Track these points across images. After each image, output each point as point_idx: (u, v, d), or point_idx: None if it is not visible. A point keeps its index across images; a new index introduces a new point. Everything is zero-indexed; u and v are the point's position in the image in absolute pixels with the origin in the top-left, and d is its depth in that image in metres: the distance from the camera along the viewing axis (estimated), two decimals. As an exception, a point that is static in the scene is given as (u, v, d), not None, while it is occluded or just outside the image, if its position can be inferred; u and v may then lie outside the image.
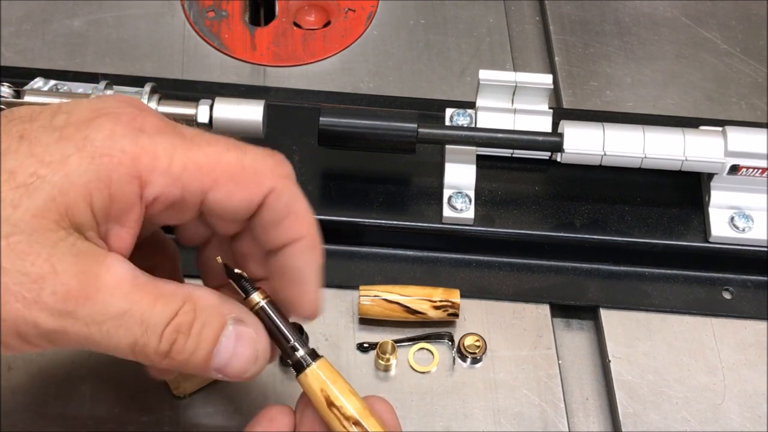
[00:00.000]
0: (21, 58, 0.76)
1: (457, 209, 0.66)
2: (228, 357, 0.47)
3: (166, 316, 0.45)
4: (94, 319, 0.44)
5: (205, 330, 0.46)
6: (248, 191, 0.47)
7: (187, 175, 0.46)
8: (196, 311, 0.46)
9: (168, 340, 0.45)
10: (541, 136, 0.65)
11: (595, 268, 0.68)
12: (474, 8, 0.82)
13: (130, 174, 0.45)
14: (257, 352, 0.48)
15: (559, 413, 0.62)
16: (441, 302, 0.64)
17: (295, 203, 0.49)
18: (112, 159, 0.44)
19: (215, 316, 0.47)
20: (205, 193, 0.46)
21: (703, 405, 0.63)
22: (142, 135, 0.45)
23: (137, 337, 0.44)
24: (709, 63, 0.80)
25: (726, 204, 0.67)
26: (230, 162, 0.47)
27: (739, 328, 0.66)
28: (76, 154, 0.44)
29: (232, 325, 0.47)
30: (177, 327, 0.45)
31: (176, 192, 0.46)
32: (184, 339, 0.46)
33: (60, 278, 0.43)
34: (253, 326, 0.48)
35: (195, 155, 0.46)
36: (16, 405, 0.60)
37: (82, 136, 0.44)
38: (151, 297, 0.45)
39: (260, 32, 0.79)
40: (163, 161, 0.45)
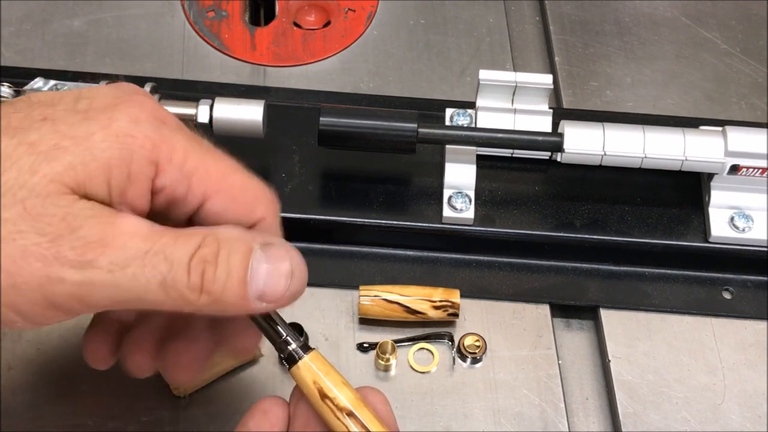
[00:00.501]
0: (21, 58, 0.76)
1: (457, 209, 0.66)
2: (264, 279, 0.46)
3: (189, 250, 0.45)
4: (117, 264, 0.43)
5: (233, 256, 0.45)
6: (244, 212, 0.48)
7: (197, 176, 0.47)
8: (219, 242, 0.45)
9: (197, 272, 0.44)
10: (541, 136, 0.65)
11: (595, 268, 0.68)
12: (474, 8, 0.82)
13: (149, 158, 0.45)
14: (292, 265, 0.47)
15: (559, 413, 0.62)
16: (441, 302, 0.64)
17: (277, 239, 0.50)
18: (136, 140, 0.45)
19: (240, 243, 0.46)
20: (206, 200, 0.47)
21: (703, 405, 0.63)
22: (164, 126, 0.46)
23: (165, 274, 0.44)
24: (709, 63, 0.80)
25: (726, 204, 0.67)
26: (236, 180, 0.48)
27: (739, 328, 0.66)
28: (100, 132, 0.44)
29: (259, 248, 0.46)
30: (203, 257, 0.45)
31: (182, 189, 0.47)
32: (212, 268, 0.45)
33: (77, 233, 0.43)
34: (283, 246, 0.48)
35: (208, 161, 0.47)
36: (16, 405, 0.60)
37: (107, 117, 0.45)
38: (171, 235, 0.45)
39: (260, 32, 0.79)
40: (180, 156, 0.46)
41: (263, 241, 0.47)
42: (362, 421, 0.49)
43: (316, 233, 0.67)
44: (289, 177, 0.68)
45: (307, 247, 0.68)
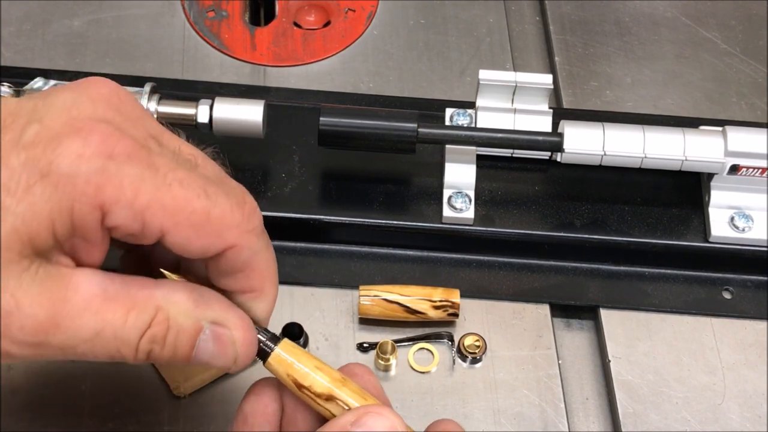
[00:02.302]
0: (21, 58, 0.76)
1: (457, 209, 0.66)
2: (208, 357, 0.47)
3: (138, 330, 0.45)
4: (67, 344, 0.44)
5: (180, 337, 0.46)
6: (207, 242, 0.47)
7: (149, 213, 0.45)
8: (169, 320, 0.46)
9: (144, 351, 0.45)
10: (541, 136, 0.65)
11: (595, 268, 0.68)
12: (474, 8, 0.82)
13: (92, 204, 0.44)
14: (236, 353, 0.48)
15: (559, 413, 0.62)
16: (441, 302, 0.64)
17: (254, 258, 0.49)
18: (75, 188, 0.43)
19: (190, 322, 0.46)
20: (164, 234, 0.46)
21: (703, 405, 0.63)
22: (111, 162, 0.44)
23: (113, 353, 0.45)
24: (709, 63, 0.80)
25: (726, 204, 0.67)
26: (196, 210, 0.46)
27: (739, 328, 0.66)
28: (39, 183, 0.43)
29: (209, 328, 0.47)
30: (151, 338, 0.45)
31: (136, 226, 0.45)
32: (159, 348, 0.46)
33: (25, 312, 0.43)
34: (233, 327, 0.47)
35: (162, 195, 0.45)
36: (16, 405, 0.60)
37: (48, 160, 0.43)
38: (122, 311, 0.45)
39: (260, 32, 0.79)
40: (128, 194, 0.44)
41: (215, 318, 0.47)
42: (344, 401, 0.48)
43: (316, 233, 0.67)
44: (289, 177, 0.68)
45: (307, 247, 0.68)
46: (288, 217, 0.67)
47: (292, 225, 0.67)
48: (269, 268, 0.50)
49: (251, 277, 0.49)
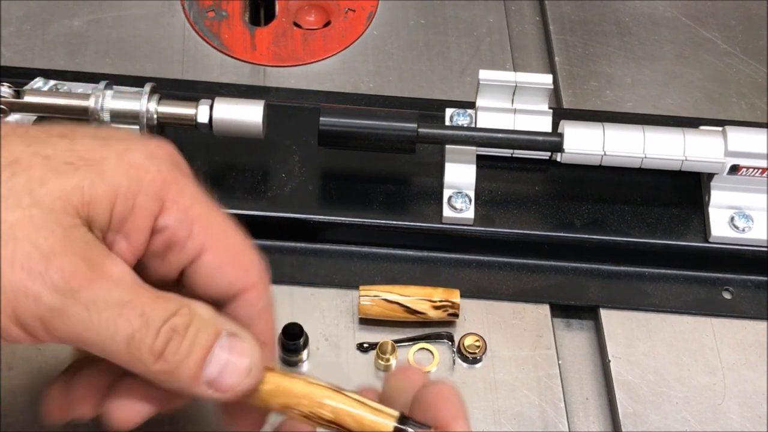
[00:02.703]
0: (21, 58, 0.76)
1: (457, 209, 0.66)
2: (221, 367, 0.46)
3: (165, 314, 0.45)
4: (95, 303, 0.43)
5: (201, 334, 0.46)
6: (238, 274, 0.48)
7: (199, 224, 0.47)
8: (193, 316, 0.46)
9: (164, 338, 0.44)
10: (541, 136, 0.65)
11: (595, 268, 0.68)
12: (474, 8, 0.82)
13: (157, 194, 0.46)
14: (251, 364, 0.47)
15: (559, 413, 0.62)
16: (441, 302, 0.64)
17: (267, 310, 0.50)
18: (147, 174, 0.45)
19: (211, 324, 0.46)
20: (203, 252, 0.47)
21: (703, 405, 0.63)
22: (178, 169, 0.47)
23: (135, 329, 0.44)
24: (709, 63, 0.80)
25: (726, 204, 0.67)
26: (236, 240, 0.49)
27: (739, 328, 0.66)
28: (114, 158, 0.45)
29: (226, 336, 0.46)
30: (174, 326, 0.45)
31: (184, 233, 0.47)
32: (179, 339, 0.45)
33: (69, 257, 0.43)
34: (248, 341, 0.47)
35: (212, 214, 0.48)
36: (16, 405, 0.60)
37: (124, 146, 0.46)
38: (151, 294, 0.45)
39: (260, 32, 0.79)
40: (187, 200, 0.47)
41: (232, 330, 0.47)
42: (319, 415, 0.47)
43: (316, 233, 0.67)
44: (289, 177, 0.68)
45: (307, 247, 0.68)
46: (288, 217, 0.67)
47: (292, 225, 0.67)
48: (275, 323, 0.51)
49: (265, 326, 0.50)
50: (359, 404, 0.47)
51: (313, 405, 0.47)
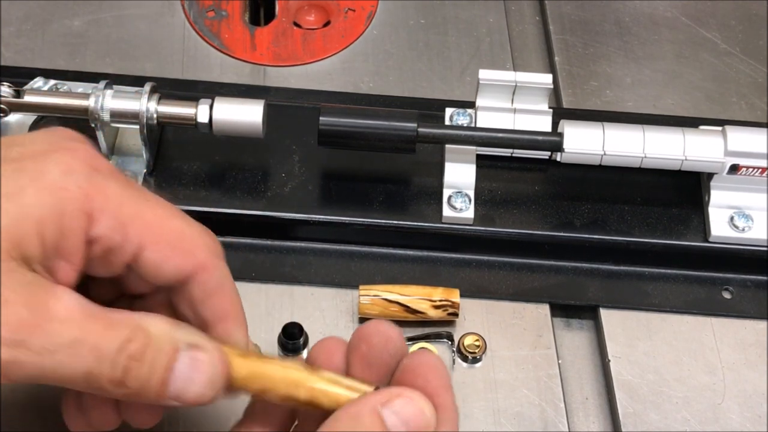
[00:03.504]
0: (21, 58, 0.76)
1: (457, 209, 0.66)
2: (184, 382, 0.46)
3: (118, 343, 0.45)
4: (46, 348, 0.43)
5: (159, 356, 0.46)
6: (182, 260, 0.48)
7: (132, 224, 0.47)
8: (149, 338, 0.46)
9: (121, 367, 0.45)
10: (541, 135, 0.65)
11: (595, 267, 0.68)
12: (474, 8, 0.82)
13: (82, 210, 0.45)
14: (214, 375, 0.47)
15: (559, 413, 0.62)
16: (441, 302, 0.64)
17: (224, 282, 0.50)
18: (67, 192, 0.45)
19: (168, 342, 0.46)
20: (143, 249, 0.47)
21: (703, 405, 0.63)
22: (97, 174, 0.46)
23: (91, 366, 0.44)
24: (709, 63, 0.80)
25: (726, 204, 0.67)
26: (173, 228, 0.48)
27: (739, 327, 0.66)
28: (31, 186, 0.44)
29: (186, 351, 0.46)
30: (130, 354, 0.45)
31: (118, 238, 0.46)
32: (137, 366, 0.45)
33: (11, 308, 0.43)
34: (209, 351, 0.47)
35: (143, 210, 0.47)
36: (16, 405, 0.60)
37: (38, 168, 0.45)
38: (102, 325, 0.45)
39: (260, 32, 0.79)
40: (114, 204, 0.46)
41: (191, 341, 0.47)
42: None
43: (316, 233, 0.67)
44: (288, 177, 0.68)
45: (307, 246, 0.68)
46: (288, 217, 0.67)
47: (292, 224, 0.67)
48: (237, 295, 0.51)
49: (224, 301, 0.50)
50: (334, 383, 0.48)
51: (288, 387, 0.48)
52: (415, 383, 0.47)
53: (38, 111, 0.65)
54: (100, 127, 0.64)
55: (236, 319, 0.51)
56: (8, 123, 0.67)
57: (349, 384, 0.48)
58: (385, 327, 0.49)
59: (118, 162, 0.67)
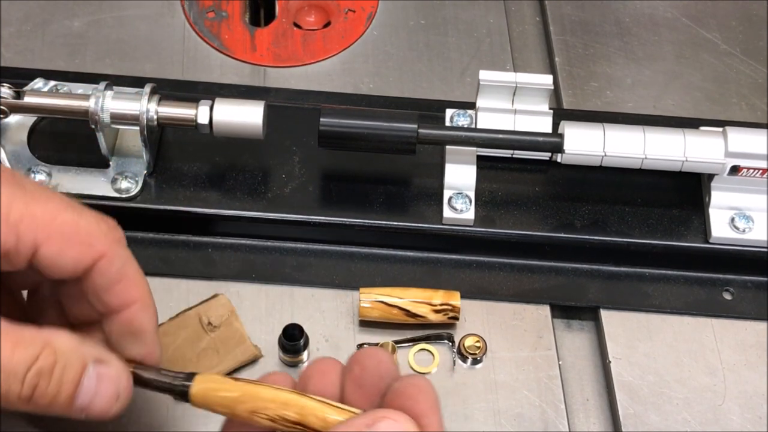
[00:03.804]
0: (21, 59, 0.76)
1: (458, 210, 0.66)
2: (90, 397, 0.48)
3: (26, 361, 0.46)
4: None
5: (67, 372, 0.47)
6: (79, 252, 0.48)
7: (23, 225, 0.47)
8: (57, 354, 0.47)
9: (30, 385, 0.46)
10: (541, 136, 0.65)
11: (595, 268, 0.68)
12: (474, 9, 0.82)
13: None
14: (119, 390, 0.49)
15: (560, 414, 0.62)
16: (441, 305, 0.64)
17: (126, 267, 0.50)
18: None
19: (76, 358, 0.48)
20: (38, 247, 0.47)
21: (704, 406, 0.63)
22: None
23: (1, 385, 0.46)
24: (710, 63, 0.80)
25: (726, 205, 0.67)
26: (66, 221, 0.48)
27: (740, 328, 0.66)
28: None
29: (92, 366, 0.48)
30: (38, 371, 0.46)
31: (11, 240, 0.47)
32: (46, 382, 0.46)
33: None
34: (114, 366, 0.49)
35: (33, 208, 0.47)
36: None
37: None
38: (9, 343, 0.46)
39: (260, 33, 0.79)
40: (2, 209, 0.46)
41: (97, 357, 0.49)
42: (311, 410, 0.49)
43: (317, 234, 0.67)
44: (289, 178, 0.68)
45: (307, 248, 0.68)
46: (288, 218, 0.67)
47: (293, 226, 0.67)
48: (143, 278, 0.51)
49: (129, 286, 0.50)
50: (323, 404, 0.48)
51: (278, 408, 0.48)
52: (404, 405, 0.47)
53: (38, 112, 0.65)
54: (100, 128, 0.64)
55: (143, 303, 0.51)
56: (8, 124, 0.67)
57: (339, 406, 0.48)
58: (378, 352, 0.50)
59: (118, 163, 0.67)
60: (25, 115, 0.66)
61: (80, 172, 0.67)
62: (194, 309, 0.64)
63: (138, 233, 0.67)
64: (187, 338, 0.63)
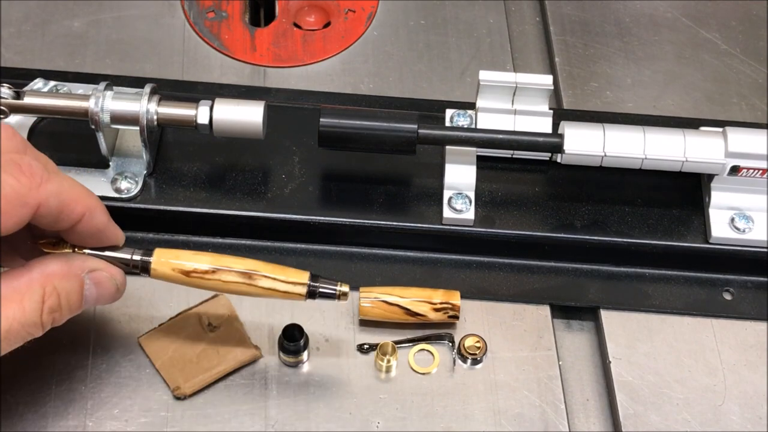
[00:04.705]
0: (21, 59, 0.76)
1: (458, 210, 0.66)
2: (95, 299, 0.56)
3: (37, 310, 0.53)
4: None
5: (71, 297, 0.54)
6: (68, 215, 0.54)
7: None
8: (56, 287, 0.54)
9: (48, 322, 0.53)
10: (541, 137, 0.65)
11: (595, 269, 0.68)
12: (474, 9, 0.82)
13: None
14: (116, 284, 0.57)
15: (560, 414, 0.62)
16: (441, 304, 0.64)
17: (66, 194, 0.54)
18: None
19: (72, 280, 0.55)
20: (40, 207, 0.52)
21: (704, 406, 0.63)
22: None
23: (25, 337, 0.53)
24: (710, 63, 0.80)
25: (726, 205, 0.67)
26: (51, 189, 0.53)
27: (740, 329, 0.66)
28: None
29: (87, 278, 0.55)
30: (50, 309, 0.53)
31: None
32: (59, 314, 0.54)
33: None
34: (104, 267, 0.56)
35: None
36: (17, 405, 0.60)
37: None
38: (17, 303, 0.52)
39: (260, 33, 0.79)
40: None
41: (90, 266, 0.56)
42: (227, 269, 0.57)
43: (317, 234, 0.67)
44: (289, 178, 0.68)
45: (308, 248, 0.68)
46: (288, 218, 0.67)
47: (293, 226, 0.67)
48: (84, 187, 0.55)
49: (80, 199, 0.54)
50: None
51: None
52: None
53: (38, 113, 0.65)
54: (100, 128, 0.64)
55: (94, 207, 0.55)
56: (8, 124, 0.67)
57: None
58: None
59: (118, 163, 0.67)
60: (25, 115, 0.66)
61: (80, 172, 0.67)
62: (194, 309, 0.64)
63: (138, 233, 0.67)
64: (187, 338, 0.63)
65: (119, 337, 0.63)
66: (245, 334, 0.63)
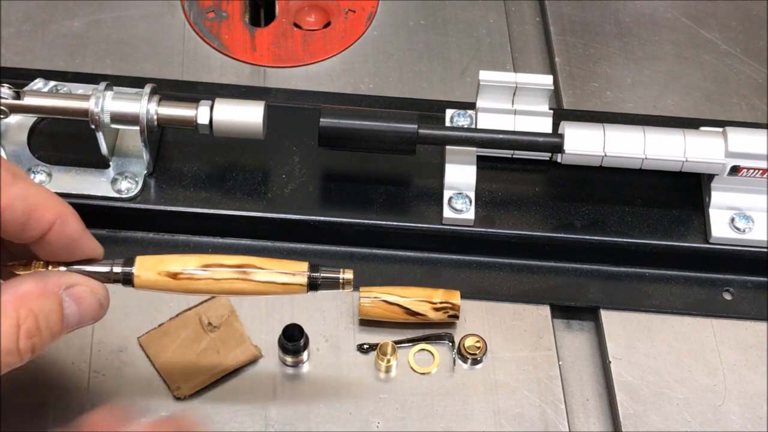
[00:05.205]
0: (21, 59, 0.76)
1: (458, 210, 0.66)
2: (78, 318, 0.51)
3: (13, 334, 0.48)
4: None
5: (50, 317, 0.50)
6: (33, 222, 0.50)
7: None
8: (33, 309, 0.49)
9: (27, 349, 0.49)
10: (541, 137, 0.65)
11: (595, 269, 0.68)
12: (474, 9, 0.82)
13: None
14: (99, 299, 0.52)
15: (560, 414, 0.62)
16: (441, 304, 0.64)
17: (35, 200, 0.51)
18: None
19: (50, 299, 0.50)
20: None
21: (704, 406, 0.63)
22: None
23: (5, 362, 0.48)
24: (710, 63, 0.80)
25: (726, 205, 0.67)
26: (15, 193, 0.49)
27: (740, 329, 0.66)
28: None
29: (65, 294, 0.51)
30: (28, 335, 0.49)
31: None
32: (39, 338, 0.49)
33: None
34: (84, 284, 0.52)
35: None
36: (16, 405, 0.60)
37: None
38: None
39: (260, 33, 0.79)
40: None
41: (66, 283, 0.51)
42: (218, 265, 0.53)
43: (317, 234, 0.67)
44: (289, 178, 0.68)
45: (308, 248, 0.68)
46: (288, 218, 0.67)
47: (293, 226, 0.67)
48: (53, 194, 0.52)
49: (49, 206, 0.51)
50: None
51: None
52: None
53: (38, 113, 0.65)
54: (100, 128, 0.64)
55: (65, 215, 0.51)
56: (8, 124, 0.67)
57: None
58: None
59: (118, 163, 0.67)
60: (25, 115, 0.66)
61: (80, 172, 0.67)
62: (194, 309, 0.64)
63: (138, 233, 0.67)
64: (187, 338, 0.63)
65: (119, 337, 0.63)
66: (245, 334, 0.63)
